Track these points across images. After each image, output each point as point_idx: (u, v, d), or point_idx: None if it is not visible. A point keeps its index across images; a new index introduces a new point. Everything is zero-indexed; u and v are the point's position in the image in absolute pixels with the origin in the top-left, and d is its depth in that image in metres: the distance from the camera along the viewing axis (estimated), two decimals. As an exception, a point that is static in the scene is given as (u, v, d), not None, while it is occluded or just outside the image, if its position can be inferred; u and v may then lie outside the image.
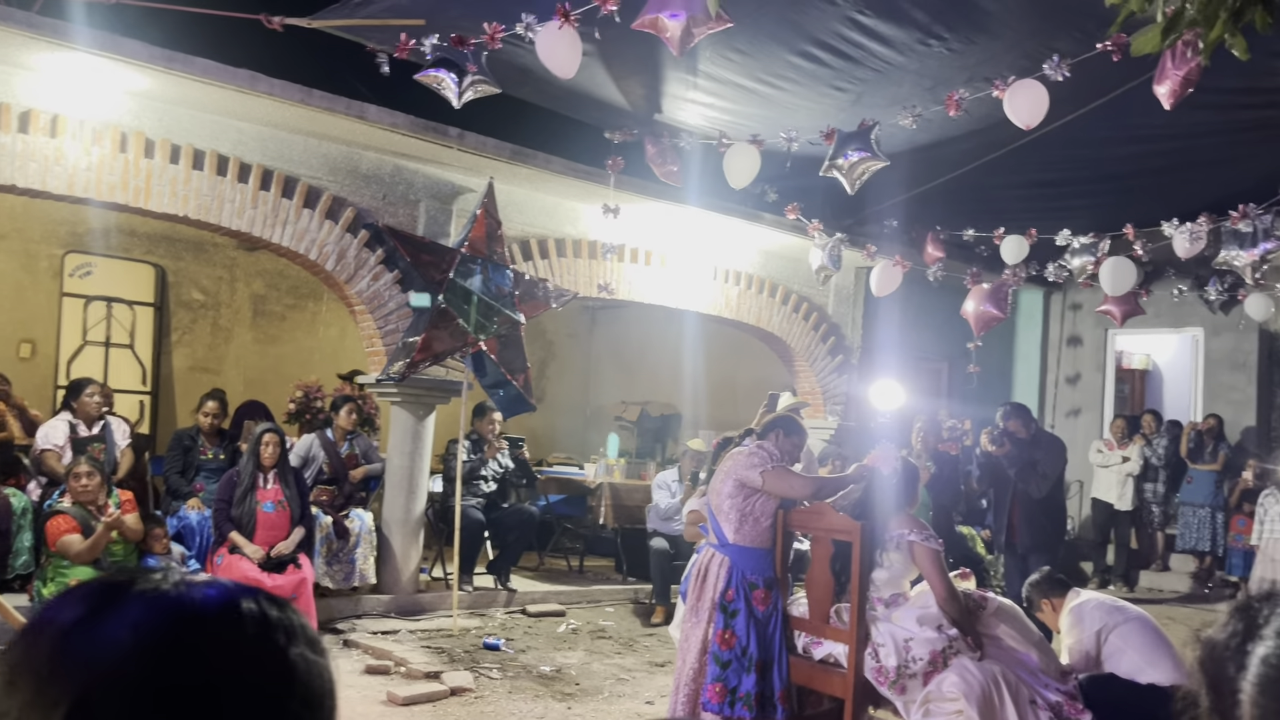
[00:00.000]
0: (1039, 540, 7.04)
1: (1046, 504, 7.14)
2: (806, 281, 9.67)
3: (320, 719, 0.75)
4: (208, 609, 0.73)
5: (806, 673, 4.47)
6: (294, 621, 0.76)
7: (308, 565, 6.33)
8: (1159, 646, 4.38)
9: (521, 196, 7.98)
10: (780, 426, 4.81)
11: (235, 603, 0.74)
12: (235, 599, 0.74)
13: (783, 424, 4.84)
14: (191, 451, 7.13)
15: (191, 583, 0.75)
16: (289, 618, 0.76)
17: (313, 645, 0.76)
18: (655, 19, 4.56)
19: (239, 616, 0.73)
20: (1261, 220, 7.07)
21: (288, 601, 0.78)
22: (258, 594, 0.76)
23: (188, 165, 6.47)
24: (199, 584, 0.75)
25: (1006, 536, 7.24)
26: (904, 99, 6.42)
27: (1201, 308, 10.74)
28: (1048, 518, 7.15)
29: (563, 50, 4.77)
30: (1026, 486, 7.05)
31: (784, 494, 4.49)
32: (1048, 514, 7.17)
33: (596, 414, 13.04)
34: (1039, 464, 7.06)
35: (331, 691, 0.76)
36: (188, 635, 0.71)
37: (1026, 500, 7.03)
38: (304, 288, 10.51)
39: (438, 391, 7.53)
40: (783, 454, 4.63)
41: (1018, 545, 7.12)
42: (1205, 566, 10.26)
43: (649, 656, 6.69)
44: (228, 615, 0.73)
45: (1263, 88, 6.53)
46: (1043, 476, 7.05)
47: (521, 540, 8.10)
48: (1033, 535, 7.02)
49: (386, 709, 5.22)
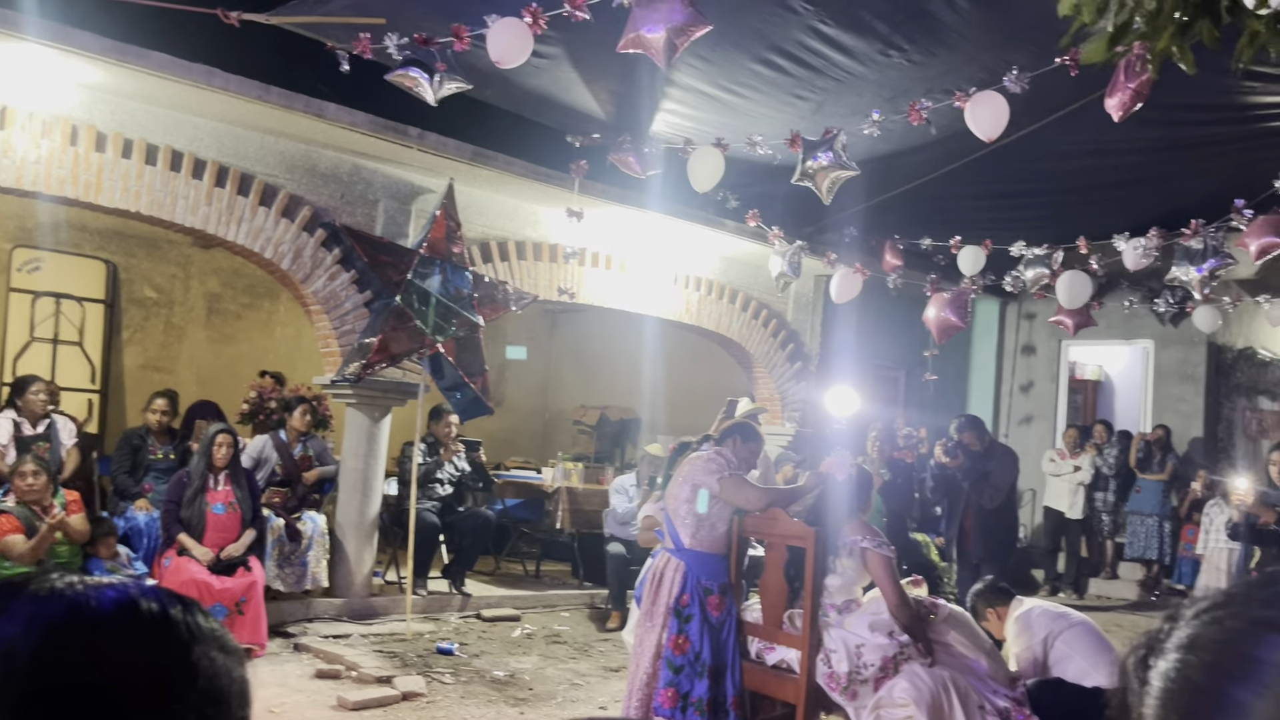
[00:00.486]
0: (991, 549, 7.13)
1: (999, 513, 7.23)
2: (766, 288, 9.71)
3: (228, 718, 0.73)
4: (102, 608, 0.72)
5: (759, 678, 4.47)
6: (200, 622, 0.75)
7: (258, 568, 6.24)
8: (1102, 651, 4.46)
9: (482, 198, 7.93)
10: (738, 433, 4.81)
11: (133, 603, 0.73)
12: (133, 599, 0.73)
13: (740, 430, 4.84)
14: (140, 451, 7.00)
15: (89, 583, 0.74)
16: (195, 619, 0.75)
17: (222, 646, 0.75)
18: (637, 37, 4.56)
19: (135, 616, 0.72)
20: (1212, 237, 7.20)
21: (197, 604, 0.77)
22: (163, 595, 0.75)
23: (140, 160, 6.36)
24: (97, 585, 0.74)
25: (959, 545, 7.33)
26: (865, 109, 6.47)
27: (1152, 320, 10.94)
28: (1000, 527, 7.24)
29: (509, 39, 4.74)
30: (979, 498, 7.13)
31: (738, 504, 4.50)
32: (1000, 523, 7.26)
33: (555, 418, 13.00)
34: (991, 475, 7.15)
35: (242, 692, 0.76)
36: (79, 634, 0.70)
37: (979, 510, 7.12)
38: (260, 286, 10.38)
39: (394, 394, 7.46)
40: (739, 461, 4.64)
41: (970, 554, 7.21)
42: (1152, 575, 10.43)
43: (604, 662, 6.67)
44: (123, 615, 0.72)
45: (1213, 104, 6.67)
46: (995, 488, 7.14)
47: (477, 544, 8.05)
48: (985, 544, 7.11)
49: (336, 714, 5.16)
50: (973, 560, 7.21)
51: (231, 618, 5.92)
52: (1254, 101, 6.69)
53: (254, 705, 0.80)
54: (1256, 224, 6.85)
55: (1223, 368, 11.31)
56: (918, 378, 11.66)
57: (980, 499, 7.15)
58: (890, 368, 11.61)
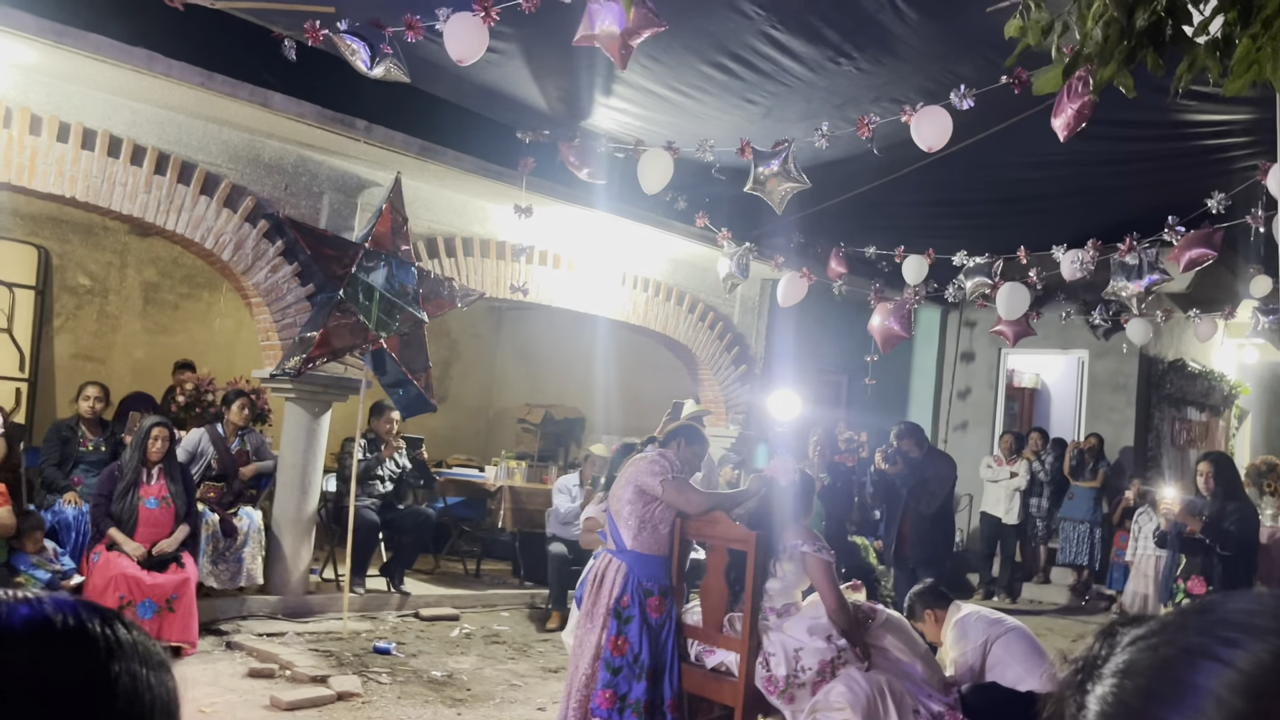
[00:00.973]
0: (928, 554, 7.24)
1: (936, 519, 7.35)
2: (713, 291, 9.76)
3: None
4: (11, 624, 0.69)
5: (698, 681, 4.49)
6: (121, 635, 0.72)
7: (191, 564, 6.11)
8: (1036, 656, 4.55)
9: (429, 193, 7.86)
10: (682, 435, 4.82)
11: (46, 618, 0.70)
12: (46, 614, 0.70)
13: (684, 433, 4.85)
14: (70, 443, 6.81)
15: (3, 599, 0.71)
16: (114, 632, 0.72)
17: (145, 659, 0.73)
18: (593, 34, 4.55)
19: (48, 631, 0.69)
20: (1147, 253, 7.38)
21: (118, 615, 0.75)
22: (80, 608, 0.72)
23: (76, 144, 6.19)
24: (7, 598, 0.71)
25: (897, 549, 7.42)
26: (813, 115, 6.53)
27: (1087, 331, 11.19)
28: (937, 532, 7.35)
29: (466, 36, 4.71)
30: (917, 504, 7.24)
31: (679, 507, 4.50)
32: (937, 528, 7.38)
33: (499, 416, 12.93)
34: (930, 482, 7.26)
35: (167, 706, 0.73)
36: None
37: (917, 515, 7.23)
38: (199, 277, 10.18)
39: (335, 389, 7.36)
40: (683, 464, 4.65)
41: (908, 559, 7.31)
42: (1083, 580, 10.67)
43: (542, 662, 6.64)
44: (35, 630, 0.69)
45: (1153, 121, 6.83)
46: (932, 494, 7.26)
47: (417, 542, 7.97)
48: (922, 549, 7.22)
49: (270, 714, 5.07)
50: (910, 565, 7.31)
51: (161, 614, 5.79)
52: (1189, 119, 6.87)
53: (184, 707, 0.78)
54: (1187, 238, 7.05)
55: (1153, 379, 11.61)
56: (860, 382, 11.79)
57: (918, 505, 7.25)
58: (833, 372, 11.73)
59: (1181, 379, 11.95)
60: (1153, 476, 10.30)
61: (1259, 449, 13.59)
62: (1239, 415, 13.73)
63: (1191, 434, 12.32)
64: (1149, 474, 10.68)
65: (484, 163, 7.44)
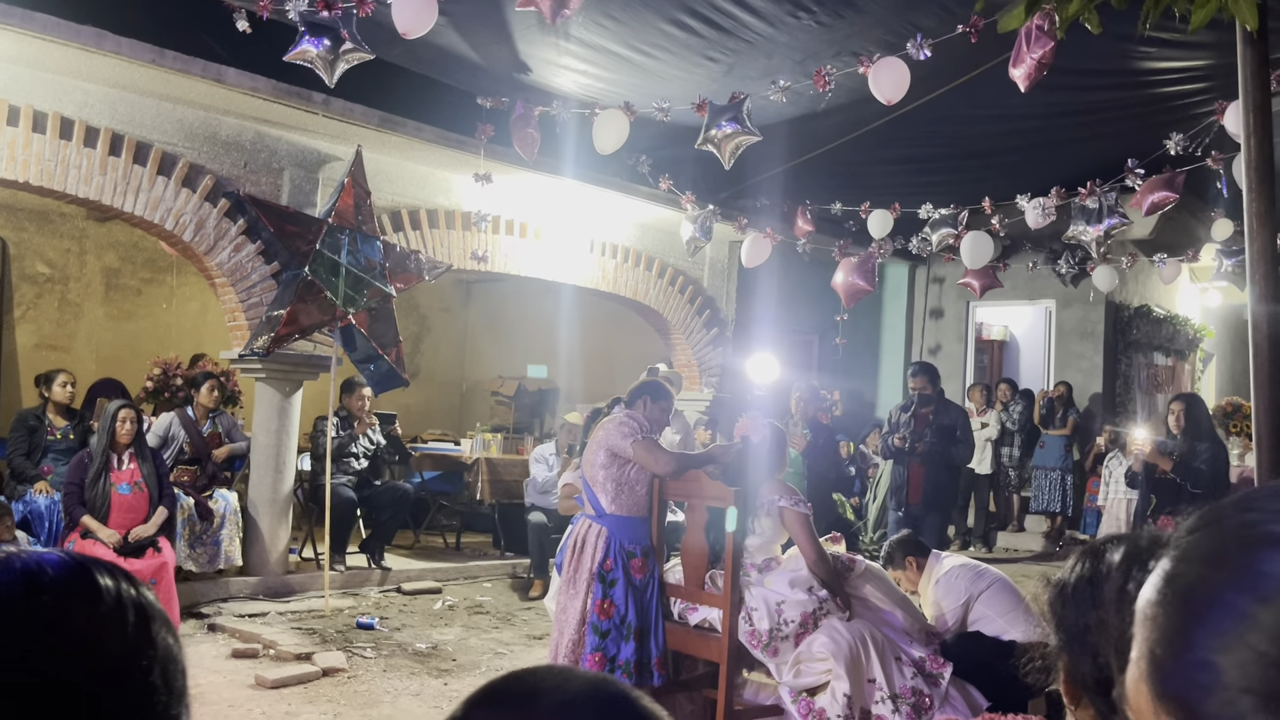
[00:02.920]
0: (938, 497, 7.25)
1: (950, 466, 7.41)
2: (682, 255, 9.74)
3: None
4: (59, 574, 0.72)
5: (682, 638, 4.52)
6: (139, 593, 0.75)
7: (168, 548, 6.07)
8: (1018, 606, 4.60)
9: (391, 165, 7.77)
10: (647, 393, 4.79)
11: (83, 568, 0.73)
12: (81, 563, 0.74)
13: (649, 390, 4.82)
14: (38, 432, 6.72)
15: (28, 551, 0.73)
16: (134, 589, 0.75)
17: (166, 622, 0.76)
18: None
19: (89, 580, 0.73)
20: (1107, 197, 7.44)
21: (126, 572, 0.76)
22: (114, 571, 0.75)
23: (27, 127, 6.07)
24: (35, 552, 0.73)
25: (906, 497, 7.37)
26: (775, 71, 6.50)
27: (1054, 280, 11.29)
28: (951, 479, 7.40)
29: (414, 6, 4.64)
30: (951, 461, 7.33)
31: (649, 467, 4.50)
32: (950, 475, 7.45)
33: (472, 389, 12.90)
34: (946, 430, 7.33)
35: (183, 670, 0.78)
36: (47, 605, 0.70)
37: (929, 463, 7.22)
38: (161, 260, 10.03)
39: (305, 367, 7.30)
40: (651, 422, 4.64)
41: (916, 506, 7.28)
42: (1056, 526, 10.83)
43: (527, 630, 6.67)
44: (77, 579, 0.73)
45: (1112, 70, 6.86)
46: (964, 442, 7.38)
47: (395, 518, 7.96)
48: (934, 492, 7.22)
49: (255, 692, 5.06)
50: (915, 513, 7.29)
51: (141, 600, 5.74)
52: (1148, 67, 6.90)
53: None
54: (1149, 182, 7.11)
55: (1120, 325, 11.74)
56: (831, 342, 11.86)
57: (956, 460, 7.34)
58: (804, 332, 11.77)
59: (1147, 324, 12.10)
60: (1122, 422, 10.45)
61: (1224, 391, 13.81)
62: (1204, 359, 13.93)
63: (1158, 379, 12.49)
64: (1118, 419, 10.83)
65: (445, 132, 7.36)
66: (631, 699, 0.69)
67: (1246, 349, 11.02)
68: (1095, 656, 1.16)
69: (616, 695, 0.68)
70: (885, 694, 4.06)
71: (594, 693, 0.68)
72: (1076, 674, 1.21)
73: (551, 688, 0.68)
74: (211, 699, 4.90)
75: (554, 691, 0.68)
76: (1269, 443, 2.44)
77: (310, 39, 4.98)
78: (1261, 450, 2.47)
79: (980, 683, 4.29)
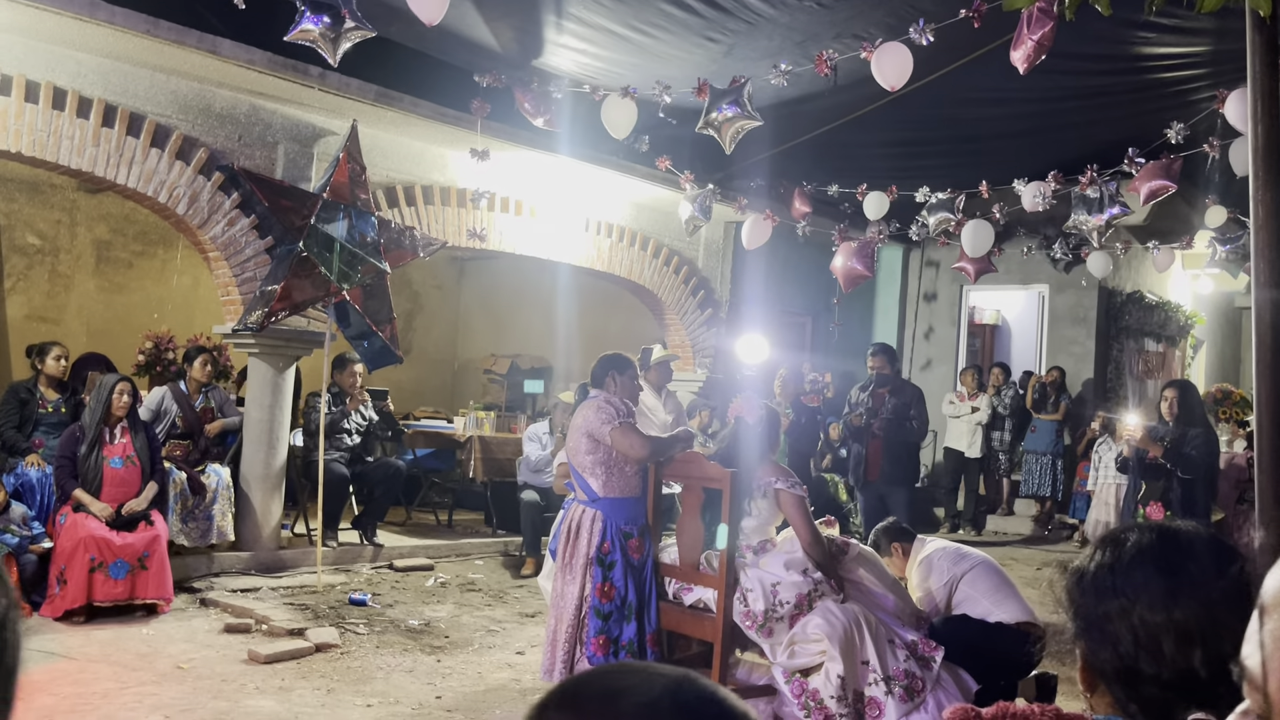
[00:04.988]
0: (898, 474, 7.30)
1: (904, 443, 7.45)
2: (677, 235, 9.72)
3: None
4: None
5: (676, 618, 4.54)
6: None
7: (160, 522, 6.05)
8: (1003, 588, 4.63)
9: (387, 141, 7.72)
10: (611, 368, 4.68)
11: None
12: None
13: (612, 364, 4.70)
14: (29, 405, 6.68)
15: None
16: None
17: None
18: None
19: None
20: (1108, 186, 7.44)
21: None
22: None
23: (20, 97, 6.00)
24: None
25: (865, 475, 7.45)
26: (775, 53, 6.46)
27: (1048, 265, 11.30)
28: (906, 454, 7.44)
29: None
30: (907, 438, 7.37)
31: (626, 453, 4.49)
32: (906, 451, 7.49)
33: (465, 367, 12.87)
34: (911, 410, 7.37)
35: None
36: None
37: (886, 440, 7.27)
38: (153, 233, 9.96)
39: (298, 343, 7.27)
40: (624, 396, 4.61)
41: (875, 484, 7.34)
42: (1046, 510, 10.89)
43: (519, 608, 6.69)
44: None
45: (1112, 55, 6.84)
46: (917, 419, 7.41)
47: (387, 494, 7.95)
48: (893, 469, 7.27)
49: (248, 667, 5.07)
50: (878, 491, 7.35)
51: (135, 573, 5.75)
52: (1147, 52, 6.88)
53: (162, 660, 0.78)
54: (1146, 169, 7.10)
55: (1112, 311, 11.77)
56: (824, 324, 11.87)
57: (908, 439, 7.38)
58: (798, 314, 11.77)
59: (1139, 310, 12.13)
60: (1113, 407, 10.49)
61: (1213, 378, 13.88)
62: (1194, 345, 13.99)
63: (1149, 364, 12.54)
64: (1110, 405, 10.87)
65: (441, 108, 7.31)
66: (719, 697, 0.67)
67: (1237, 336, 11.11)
68: (1115, 645, 1.16)
69: (702, 693, 0.66)
70: (878, 676, 4.08)
71: (678, 691, 0.66)
72: (1095, 661, 1.21)
73: (632, 687, 0.66)
74: (204, 674, 4.90)
75: (635, 691, 0.66)
76: (1270, 432, 2.45)
77: (311, 16, 4.93)
78: (1262, 438, 2.48)
79: (969, 665, 4.32)
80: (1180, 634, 1.11)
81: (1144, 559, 1.17)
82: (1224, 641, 1.04)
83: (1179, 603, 1.12)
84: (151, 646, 5.28)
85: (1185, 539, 1.20)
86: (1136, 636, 1.13)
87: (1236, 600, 0.95)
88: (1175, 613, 1.11)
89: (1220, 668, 1.00)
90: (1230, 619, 0.97)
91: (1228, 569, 1.12)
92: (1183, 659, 1.11)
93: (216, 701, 4.52)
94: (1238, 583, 1.07)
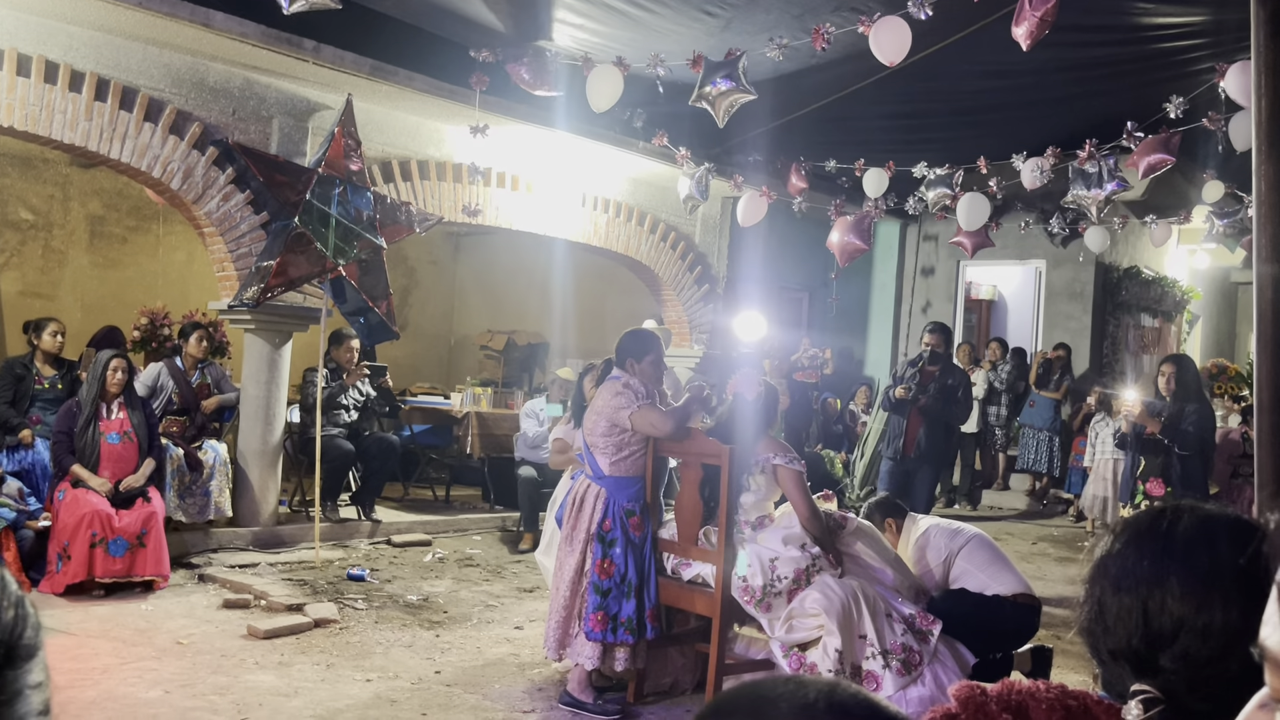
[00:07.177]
0: (932, 452, 7.27)
1: (948, 424, 7.44)
2: (674, 210, 9.68)
3: None
4: None
5: (674, 593, 4.55)
6: None
7: (158, 499, 6.05)
8: (997, 560, 4.65)
9: (382, 115, 7.66)
10: (629, 354, 4.57)
11: None
12: None
13: (630, 350, 4.58)
14: (25, 380, 6.66)
15: None
16: None
17: None
18: None
19: None
20: (1107, 161, 7.40)
21: None
22: None
23: (11, 71, 5.94)
24: None
25: (901, 450, 7.38)
26: (772, 26, 6.41)
27: (1045, 240, 11.28)
28: (944, 433, 7.42)
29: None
30: (949, 419, 7.36)
31: (650, 433, 4.48)
32: (948, 432, 7.48)
33: (461, 343, 12.85)
34: (959, 391, 7.34)
35: None
36: None
37: (929, 419, 7.23)
38: (147, 208, 9.91)
39: (294, 318, 7.25)
40: (644, 379, 4.55)
41: (911, 459, 7.30)
42: (1042, 485, 10.93)
43: (517, 583, 6.71)
44: None
45: (1111, 25, 6.80)
46: (963, 403, 7.42)
47: (384, 470, 7.95)
48: (930, 446, 7.24)
49: (247, 642, 5.08)
50: (907, 467, 7.30)
51: (134, 550, 5.75)
52: (1147, 23, 6.84)
53: (161, 636, 0.78)
54: (1145, 144, 7.07)
55: (1109, 286, 11.77)
56: (822, 299, 11.86)
57: (953, 420, 7.38)
58: (795, 290, 11.75)
59: (1136, 285, 12.13)
60: (1109, 382, 10.50)
61: (1209, 353, 13.89)
62: (1190, 320, 14.00)
63: (1145, 340, 12.56)
64: (1106, 380, 10.89)
65: (437, 82, 7.25)
66: (871, 699, 0.70)
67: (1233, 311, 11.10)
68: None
69: (856, 694, 0.68)
70: (876, 650, 4.10)
71: (832, 694, 0.69)
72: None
73: (787, 693, 0.69)
74: (204, 649, 4.91)
75: (791, 696, 0.68)
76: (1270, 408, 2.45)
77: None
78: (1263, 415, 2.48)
79: (966, 639, 4.35)
80: None
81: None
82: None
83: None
84: (150, 622, 5.29)
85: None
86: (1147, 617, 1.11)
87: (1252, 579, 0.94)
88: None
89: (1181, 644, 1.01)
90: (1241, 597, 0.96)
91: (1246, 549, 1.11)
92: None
93: (216, 676, 4.53)
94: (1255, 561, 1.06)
